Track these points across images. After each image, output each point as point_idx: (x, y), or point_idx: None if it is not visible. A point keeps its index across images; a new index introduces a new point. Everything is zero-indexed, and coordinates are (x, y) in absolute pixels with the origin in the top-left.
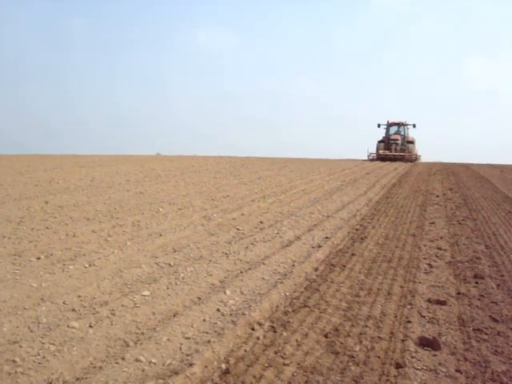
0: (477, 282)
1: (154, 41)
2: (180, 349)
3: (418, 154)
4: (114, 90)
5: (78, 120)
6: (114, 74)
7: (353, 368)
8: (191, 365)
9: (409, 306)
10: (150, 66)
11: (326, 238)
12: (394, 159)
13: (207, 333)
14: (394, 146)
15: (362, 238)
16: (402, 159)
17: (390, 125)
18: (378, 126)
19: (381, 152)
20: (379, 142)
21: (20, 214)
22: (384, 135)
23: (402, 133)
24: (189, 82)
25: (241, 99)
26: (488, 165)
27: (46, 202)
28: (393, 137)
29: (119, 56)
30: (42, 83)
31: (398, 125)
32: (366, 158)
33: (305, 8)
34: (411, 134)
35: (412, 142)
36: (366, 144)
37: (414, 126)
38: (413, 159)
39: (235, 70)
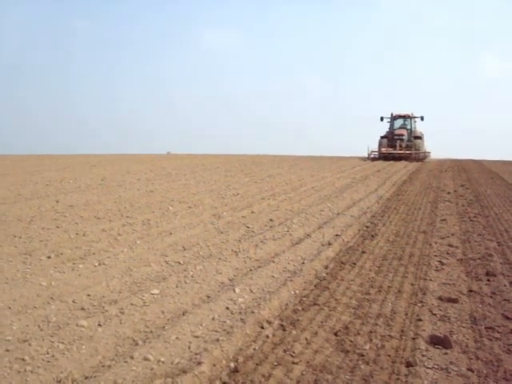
0: (489, 280)
1: (160, 41)
2: (189, 347)
3: (427, 150)
4: (124, 91)
5: (88, 120)
6: (127, 75)
7: (363, 367)
8: (200, 363)
9: (420, 304)
10: (160, 67)
11: (337, 235)
12: (398, 158)
13: (216, 331)
14: (399, 143)
15: (372, 236)
16: (408, 158)
17: (394, 118)
18: (381, 119)
19: (383, 150)
20: (382, 137)
21: (31, 213)
22: (388, 130)
23: (409, 127)
24: (199, 83)
25: (250, 99)
26: (500, 161)
27: (57, 202)
28: (398, 132)
29: (122, 56)
30: (47, 83)
31: (404, 117)
32: (367, 156)
33: (312, 8)
34: (419, 128)
35: (420, 138)
36: (368, 140)
37: (422, 118)
38: (420, 157)
39: (244, 69)
